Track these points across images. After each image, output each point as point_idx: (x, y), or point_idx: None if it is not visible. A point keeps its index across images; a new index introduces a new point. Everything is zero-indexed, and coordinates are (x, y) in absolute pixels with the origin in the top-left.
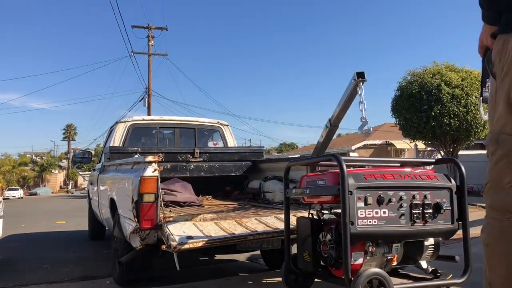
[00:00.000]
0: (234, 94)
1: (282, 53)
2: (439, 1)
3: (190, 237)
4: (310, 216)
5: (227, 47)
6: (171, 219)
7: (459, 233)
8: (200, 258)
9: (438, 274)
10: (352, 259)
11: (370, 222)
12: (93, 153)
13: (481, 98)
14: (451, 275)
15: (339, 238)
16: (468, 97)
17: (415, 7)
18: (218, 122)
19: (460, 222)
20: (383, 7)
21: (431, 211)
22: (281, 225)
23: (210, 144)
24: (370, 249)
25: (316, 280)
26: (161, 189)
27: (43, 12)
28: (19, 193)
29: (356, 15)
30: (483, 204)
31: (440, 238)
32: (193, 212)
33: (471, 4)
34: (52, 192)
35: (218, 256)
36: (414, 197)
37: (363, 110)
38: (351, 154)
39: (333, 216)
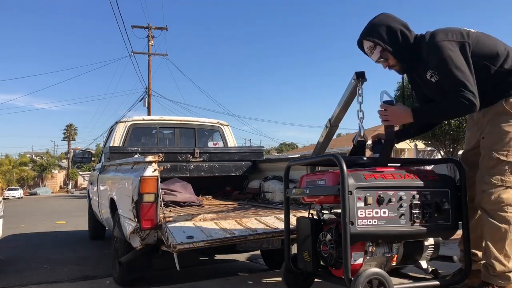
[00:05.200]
0: (235, 94)
1: (283, 53)
2: (443, 2)
3: (190, 237)
4: (310, 216)
5: (227, 47)
6: (171, 219)
7: (459, 233)
8: (200, 258)
9: (438, 274)
10: (352, 259)
11: (370, 222)
12: (93, 153)
13: None
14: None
15: (339, 238)
16: None
17: (416, 9)
18: (218, 122)
19: (460, 222)
20: (383, 8)
21: (431, 211)
22: (281, 225)
23: (210, 144)
24: (370, 249)
25: (316, 280)
26: (161, 189)
27: (42, 12)
28: (19, 193)
29: (357, 18)
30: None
31: (440, 238)
32: (193, 212)
33: (472, 4)
34: (52, 192)
35: (218, 256)
36: (414, 197)
37: (359, 112)
38: None
39: (333, 216)
